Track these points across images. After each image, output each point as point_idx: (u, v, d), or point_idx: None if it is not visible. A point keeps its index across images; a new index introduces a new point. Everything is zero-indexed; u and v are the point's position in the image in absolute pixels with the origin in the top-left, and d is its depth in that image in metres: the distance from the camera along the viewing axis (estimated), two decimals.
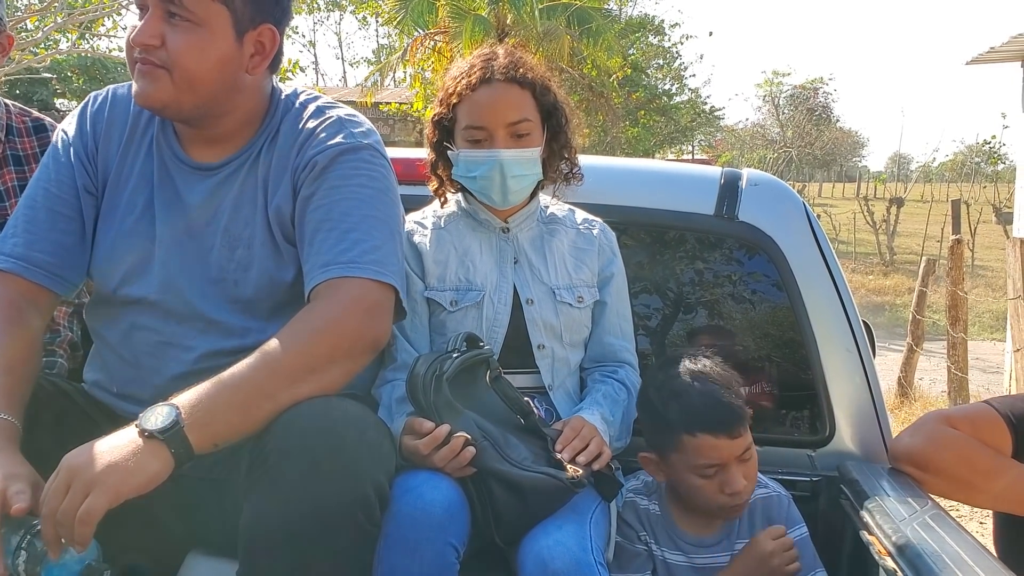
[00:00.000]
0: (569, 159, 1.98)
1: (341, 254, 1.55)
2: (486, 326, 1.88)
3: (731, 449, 1.76)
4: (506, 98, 1.85)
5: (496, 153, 1.83)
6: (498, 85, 1.84)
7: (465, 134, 1.87)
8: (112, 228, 1.70)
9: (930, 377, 8.50)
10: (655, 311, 2.27)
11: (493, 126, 1.84)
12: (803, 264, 2.13)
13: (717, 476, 1.77)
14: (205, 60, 1.57)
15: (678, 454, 1.79)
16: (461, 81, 1.86)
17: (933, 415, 2.05)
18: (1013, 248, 5.50)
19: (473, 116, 1.85)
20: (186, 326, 1.66)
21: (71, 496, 1.26)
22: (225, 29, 1.58)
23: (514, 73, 1.85)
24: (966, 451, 1.93)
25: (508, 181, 1.85)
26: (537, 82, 1.88)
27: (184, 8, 1.53)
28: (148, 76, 1.56)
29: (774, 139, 40.21)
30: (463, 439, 1.57)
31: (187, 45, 1.55)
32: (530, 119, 1.87)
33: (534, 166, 1.89)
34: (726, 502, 1.78)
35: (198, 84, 1.58)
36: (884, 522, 1.73)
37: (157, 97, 1.58)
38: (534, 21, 15.79)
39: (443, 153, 1.94)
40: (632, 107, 24.07)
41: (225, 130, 1.68)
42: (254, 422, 1.40)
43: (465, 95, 1.85)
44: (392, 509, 1.49)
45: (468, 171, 1.88)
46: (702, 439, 1.75)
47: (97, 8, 9.06)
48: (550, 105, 1.91)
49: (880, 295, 14.94)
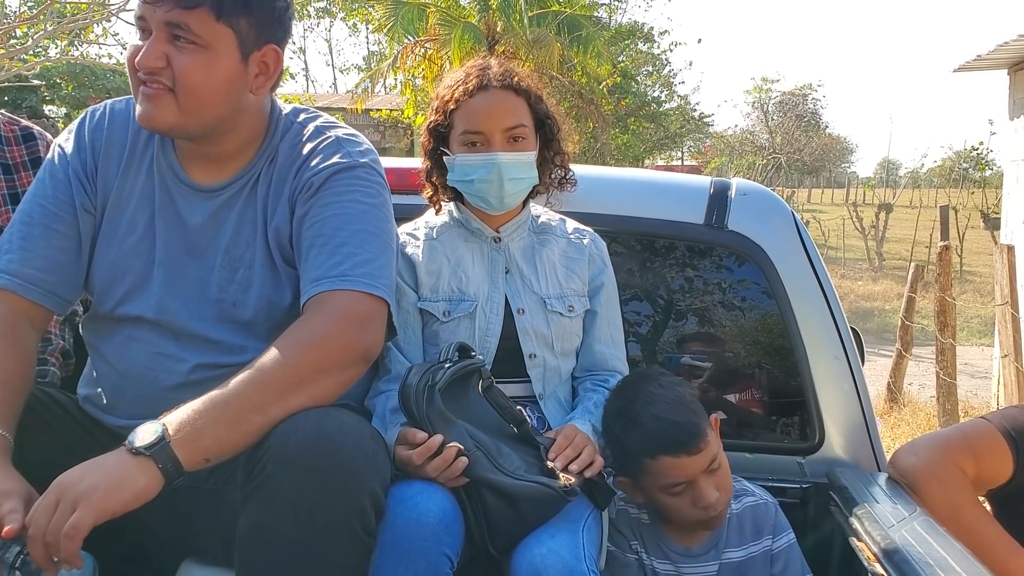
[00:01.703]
0: (561, 165, 2.00)
1: (332, 267, 1.56)
2: (478, 336, 1.89)
3: (694, 465, 1.77)
4: (503, 104, 1.88)
5: (494, 156, 1.85)
6: (495, 92, 1.88)
7: (462, 139, 1.89)
8: (112, 247, 1.70)
9: (919, 382, 8.54)
10: (646, 319, 2.29)
11: (491, 131, 1.86)
12: (792, 273, 2.15)
13: (687, 493, 1.78)
14: (211, 82, 1.56)
15: (646, 476, 1.81)
16: (458, 88, 1.89)
17: (941, 443, 2.02)
18: (1001, 254, 5.52)
19: (471, 121, 1.87)
20: (183, 342, 1.66)
21: (59, 513, 1.27)
22: (231, 51, 1.57)
23: (510, 80, 1.90)
24: (957, 499, 1.94)
25: (505, 184, 1.87)
26: (532, 91, 1.92)
27: (191, 31, 1.52)
28: (154, 99, 1.55)
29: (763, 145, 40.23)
30: (456, 449, 1.58)
31: (193, 67, 1.54)
32: (525, 125, 1.90)
33: (530, 170, 1.92)
34: (701, 515, 1.79)
35: (204, 106, 1.58)
36: (873, 528, 1.74)
37: (162, 119, 1.57)
38: (524, 28, 15.83)
39: (438, 160, 1.95)
40: (622, 114, 24.11)
41: (227, 149, 1.69)
42: (245, 437, 1.40)
43: (462, 101, 1.88)
44: (387, 519, 1.50)
45: (465, 175, 1.89)
46: (663, 461, 1.76)
47: (87, 15, 9.04)
48: (543, 114, 1.95)
49: (869, 301, 15.00)
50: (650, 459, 1.77)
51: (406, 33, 16.78)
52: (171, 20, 1.51)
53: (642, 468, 1.80)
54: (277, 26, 1.64)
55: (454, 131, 1.91)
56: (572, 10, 17.25)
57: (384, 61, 18.37)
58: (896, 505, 1.84)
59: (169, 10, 1.51)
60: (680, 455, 1.76)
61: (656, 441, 1.77)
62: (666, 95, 32.22)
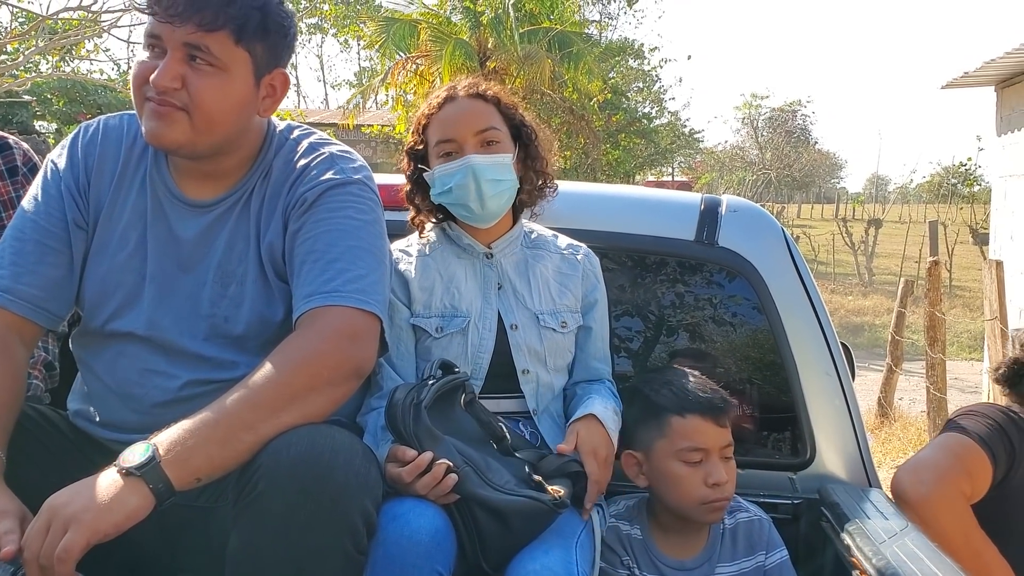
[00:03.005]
0: (542, 171, 2.01)
1: (324, 284, 1.56)
2: (471, 352, 1.89)
3: (716, 437, 1.83)
4: (471, 110, 1.93)
5: (468, 159, 1.87)
6: (462, 100, 1.94)
7: (437, 150, 1.92)
8: (103, 263, 1.70)
9: (909, 397, 8.55)
10: (637, 335, 2.29)
11: (462, 136, 1.89)
12: (782, 289, 2.16)
13: (701, 466, 1.81)
14: (226, 103, 1.58)
15: (664, 441, 1.84)
16: (428, 108, 1.97)
17: (943, 471, 2.02)
18: (990, 269, 5.55)
19: (442, 131, 1.92)
20: (173, 358, 1.66)
21: (51, 536, 1.26)
22: (246, 75, 1.59)
23: (475, 90, 1.96)
24: (967, 526, 1.98)
25: (483, 186, 1.87)
26: (500, 97, 1.97)
27: (210, 54, 1.53)
28: (165, 118, 1.55)
29: (753, 161, 40.46)
30: (445, 466, 1.57)
31: (209, 89, 1.55)
32: (497, 128, 1.93)
33: (507, 172, 1.92)
34: (708, 495, 1.81)
35: (216, 126, 1.59)
36: (865, 544, 1.74)
37: (173, 138, 1.57)
38: (515, 45, 15.90)
39: (419, 181, 1.97)
40: (612, 130, 24.17)
41: (224, 167, 1.69)
42: (236, 455, 1.39)
43: (432, 116, 1.95)
44: (379, 537, 1.49)
45: (444, 184, 1.90)
46: (691, 420, 1.83)
47: (78, 31, 9.05)
48: (518, 121, 1.98)
49: (859, 316, 15.05)
50: (679, 417, 1.84)
51: (397, 49, 16.85)
52: (191, 41, 1.52)
53: (664, 430, 1.85)
54: (286, 51, 1.67)
55: (430, 147, 1.94)
56: (563, 27, 17.33)
57: (375, 77, 18.44)
58: (888, 521, 1.85)
59: (192, 32, 1.51)
60: (708, 419, 1.84)
61: (691, 399, 1.86)
62: (656, 111, 32.35)
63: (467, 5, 16.55)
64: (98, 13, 8.04)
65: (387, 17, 17.62)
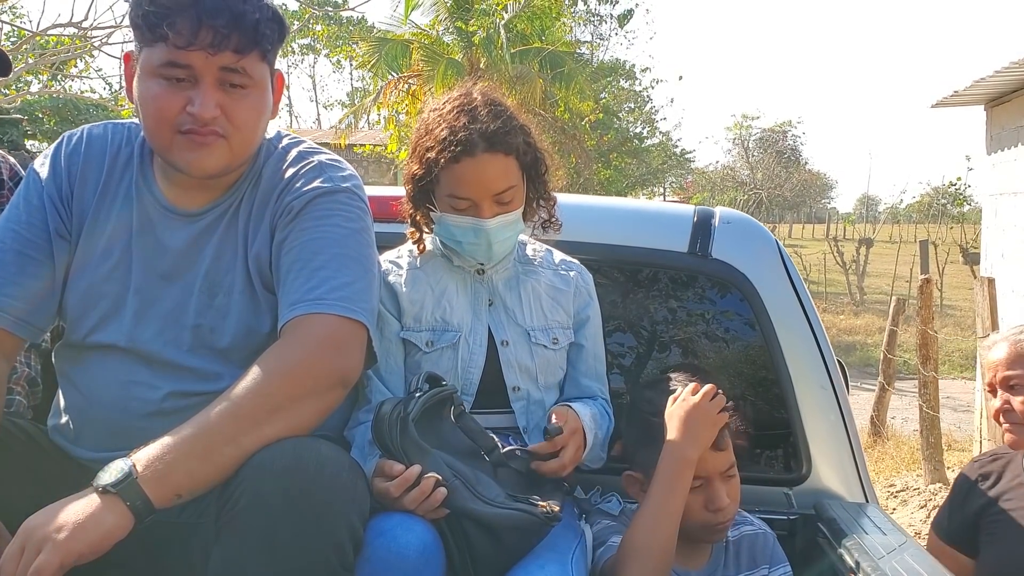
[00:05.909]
0: (546, 206, 1.96)
1: (309, 292, 1.54)
2: (461, 367, 1.86)
3: (716, 462, 1.79)
4: (491, 170, 1.79)
5: (483, 224, 1.81)
6: (482, 157, 1.77)
7: (449, 201, 1.83)
8: (86, 275, 1.66)
9: (902, 416, 8.55)
10: (629, 348, 2.27)
11: (479, 197, 1.80)
12: (777, 301, 2.14)
13: (702, 491, 1.78)
14: (260, 121, 1.61)
15: None
16: (443, 149, 1.77)
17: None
18: (981, 287, 5.56)
19: (458, 188, 1.80)
20: (156, 369, 1.62)
21: (24, 558, 1.24)
22: (267, 86, 1.62)
23: (497, 141, 1.78)
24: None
25: (494, 246, 1.84)
26: (520, 146, 1.83)
27: (245, 75, 1.55)
28: (207, 146, 1.55)
29: (744, 181, 40.71)
30: (433, 480, 1.54)
31: (246, 111, 1.57)
32: (514, 184, 1.84)
33: (517, 225, 1.89)
34: (710, 519, 1.78)
35: (251, 145, 1.62)
36: (862, 559, 1.73)
37: (216, 165, 1.58)
38: (506, 65, 16.00)
39: (423, 208, 1.91)
40: (604, 149, 24.32)
41: (223, 178, 1.66)
42: (218, 469, 1.36)
43: (447, 166, 1.78)
44: (365, 553, 1.45)
45: (452, 235, 1.86)
46: None
47: (69, 49, 9.05)
48: (531, 159, 1.88)
49: (851, 335, 15.04)
50: None
51: (389, 69, 16.95)
52: (228, 65, 1.52)
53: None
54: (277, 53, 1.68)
55: (440, 187, 1.84)
56: (554, 47, 17.45)
57: (368, 97, 18.49)
58: (886, 536, 1.83)
59: (228, 57, 1.51)
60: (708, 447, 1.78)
61: None
62: (648, 131, 32.59)
63: (459, 25, 16.65)
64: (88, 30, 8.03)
65: (379, 37, 17.73)
